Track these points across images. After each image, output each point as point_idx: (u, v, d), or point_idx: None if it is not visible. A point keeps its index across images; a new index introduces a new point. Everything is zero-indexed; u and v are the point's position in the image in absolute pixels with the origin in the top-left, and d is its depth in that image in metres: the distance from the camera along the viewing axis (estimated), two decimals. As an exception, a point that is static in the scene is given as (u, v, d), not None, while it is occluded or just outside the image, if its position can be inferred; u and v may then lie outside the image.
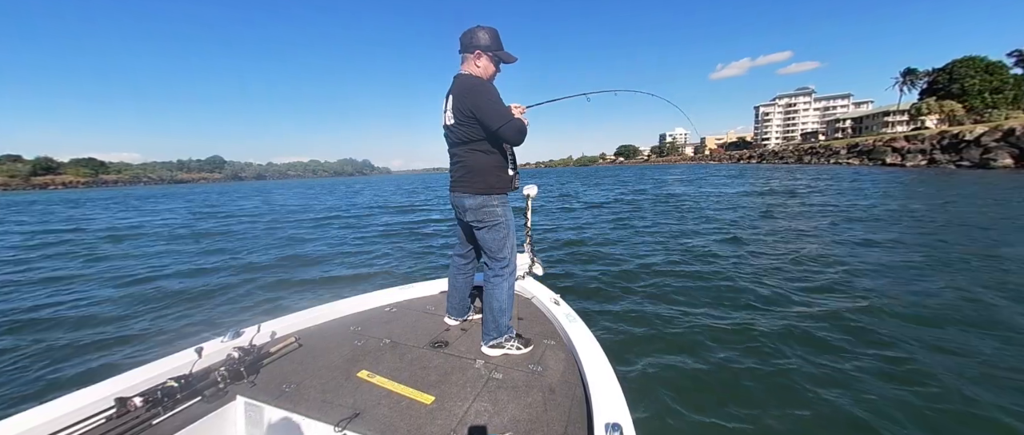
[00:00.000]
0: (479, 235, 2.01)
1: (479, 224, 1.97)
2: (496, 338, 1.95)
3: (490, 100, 1.79)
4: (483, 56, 1.90)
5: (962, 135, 29.69)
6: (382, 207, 17.55)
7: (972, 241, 6.39)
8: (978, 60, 51.72)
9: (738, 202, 13.55)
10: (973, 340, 3.14)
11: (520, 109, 2.04)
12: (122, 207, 23.83)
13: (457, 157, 1.97)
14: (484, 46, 1.88)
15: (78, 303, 4.95)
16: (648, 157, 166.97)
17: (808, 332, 3.39)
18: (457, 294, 2.31)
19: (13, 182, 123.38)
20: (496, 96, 1.83)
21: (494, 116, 1.78)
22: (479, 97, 1.79)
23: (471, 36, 1.88)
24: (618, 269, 5.61)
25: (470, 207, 1.94)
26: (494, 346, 1.96)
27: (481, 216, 1.94)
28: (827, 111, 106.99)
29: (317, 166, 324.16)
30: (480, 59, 1.90)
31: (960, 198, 11.61)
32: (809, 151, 55.40)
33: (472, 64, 1.91)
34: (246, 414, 1.65)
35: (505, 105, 1.86)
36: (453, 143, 1.96)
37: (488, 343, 1.97)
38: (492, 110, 1.78)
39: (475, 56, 1.89)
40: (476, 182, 1.91)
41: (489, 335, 1.97)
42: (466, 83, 1.84)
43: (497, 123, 1.78)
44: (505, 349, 1.95)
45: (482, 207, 1.93)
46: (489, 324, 1.97)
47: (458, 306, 2.32)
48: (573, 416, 1.48)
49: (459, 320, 2.33)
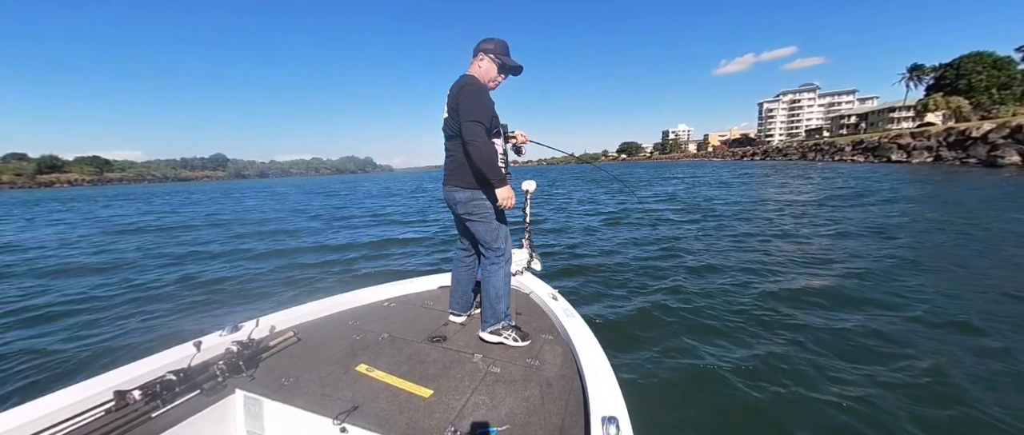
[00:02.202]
0: (471, 228, 2.06)
1: (470, 217, 2.02)
2: (494, 325, 2.02)
3: (471, 94, 1.85)
4: (485, 58, 1.99)
5: (969, 132, 29.35)
6: (344, 219, 12.87)
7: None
8: (986, 56, 51.06)
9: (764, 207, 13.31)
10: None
11: (523, 138, 2.32)
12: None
13: (450, 151, 2.02)
14: (487, 49, 1.99)
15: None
16: (651, 154, 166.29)
17: (813, 332, 3.36)
18: (459, 288, 2.34)
19: (19, 180, 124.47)
20: (479, 93, 1.88)
21: (466, 109, 1.82)
22: (463, 91, 1.86)
23: (480, 42, 2.02)
24: (615, 263, 5.60)
25: (460, 200, 2.00)
26: (492, 333, 2.02)
27: (471, 209, 2.00)
28: (832, 107, 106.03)
29: (319, 164, 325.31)
30: (482, 61, 2.00)
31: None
32: (813, 148, 55.03)
33: (474, 65, 2.02)
34: (245, 407, 1.65)
35: (486, 107, 1.88)
36: (447, 137, 2.02)
37: (487, 330, 2.04)
38: (467, 103, 1.83)
39: (478, 58, 2.00)
40: (466, 176, 1.96)
41: (487, 322, 2.04)
42: (463, 81, 1.92)
43: (466, 116, 1.81)
44: (502, 338, 2.00)
45: (472, 200, 1.98)
46: (487, 311, 2.04)
47: (461, 301, 2.34)
48: (570, 410, 1.48)
49: (464, 316, 2.34)
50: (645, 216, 10.59)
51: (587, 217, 10.92)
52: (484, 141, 1.84)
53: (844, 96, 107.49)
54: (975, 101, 47.93)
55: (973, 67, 50.79)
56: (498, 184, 1.91)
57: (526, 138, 2.37)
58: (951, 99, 48.54)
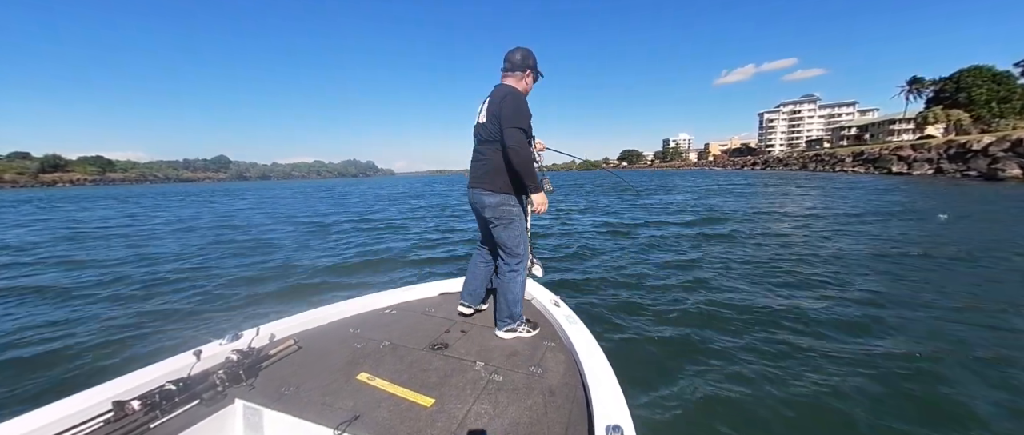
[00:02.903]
0: (495, 233, 2.15)
1: (496, 221, 2.11)
2: (510, 324, 2.16)
3: (516, 102, 1.99)
4: (530, 74, 2.17)
5: (969, 144, 29.42)
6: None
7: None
8: (985, 70, 51.33)
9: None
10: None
11: (541, 146, 2.44)
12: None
13: (483, 154, 2.10)
14: (532, 66, 2.16)
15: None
16: (651, 162, 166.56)
17: (817, 346, 3.32)
18: (475, 280, 2.44)
19: (22, 179, 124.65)
20: (522, 102, 2.02)
21: (511, 115, 1.95)
22: (508, 98, 1.99)
23: (523, 56, 2.13)
24: (616, 266, 5.58)
25: (489, 204, 2.08)
26: (508, 330, 2.16)
27: (499, 213, 2.09)
28: (832, 118, 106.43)
29: (321, 167, 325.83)
30: (528, 76, 2.17)
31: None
32: (814, 158, 55.12)
33: (519, 80, 2.15)
34: (245, 417, 1.64)
35: (528, 116, 2.03)
36: (482, 140, 2.11)
37: (503, 329, 2.16)
38: (511, 109, 1.96)
39: (525, 74, 2.14)
40: (497, 180, 2.06)
41: (503, 322, 2.16)
42: (506, 90, 2.05)
43: (511, 121, 1.94)
44: (518, 333, 2.17)
45: (501, 205, 2.08)
46: (503, 312, 2.15)
47: (474, 293, 2.44)
48: (574, 418, 1.47)
49: (473, 307, 2.45)
50: (650, 222, 10.58)
51: (589, 224, 10.90)
52: (526, 147, 1.97)
53: (844, 108, 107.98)
54: (975, 114, 48.08)
55: (973, 81, 51.01)
56: (534, 189, 2.06)
57: (544, 146, 2.48)
58: (951, 112, 48.71)
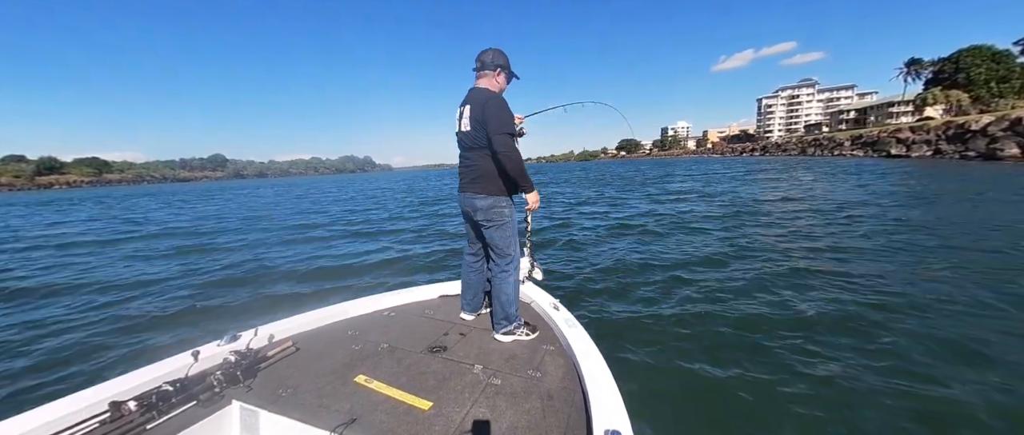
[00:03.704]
0: (487, 234, 2.21)
1: (488, 223, 2.16)
2: (507, 326, 2.16)
3: (498, 107, 2.03)
4: (502, 74, 2.19)
5: (968, 125, 29.33)
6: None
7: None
8: (985, 49, 50.86)
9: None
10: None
11: (520, 118, 2.37)
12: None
13: (470, 161, 2.14)
14: (502, 65, 2.17)
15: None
16: (650, 151, 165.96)
17: (818, 348, 3.21)
18: (470, 290, 2.48)
19: (18, 182, 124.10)
20: (503, 105, 2.05)
21: (496, 122, 1.99)
22: (489, 104, 2.02)
23: (493, 56, 2.16)
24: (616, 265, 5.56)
25: (481, 207, 2.13)
26: (505, 334, 2.17)
27: (491, 216, 2.14)
28: (831, 102, 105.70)
29: (319, 163, 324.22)
30: (499, 75, 2.19)
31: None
32: (813, 143, 54.99)
33: (491, 80, 2.17)
34: (242, 419, 1.64)
35: (511, 117, 2.06)
36: (467, 147, 2.15)
37: (500, 331, 2.17)
38: (495, 116, 2.00)
39: (495, 73, 2.17)
40: (488, 185, 2.11)
41: (500, 325, 2.18)
42: (484, 95, 2.07)
43: (498, 128, 1.97)
44: (516, 335, 2.17)
45: (492, 208, 2.13)
46: (499, 314, 2.18)
47: (472, 302, 2.49)
48: (572, 423, 1.46)
49: (474, 314, 2.49)
50: (649, 221, 10.51)
51: (589, 223, 10.86)
52: (516, 151, 2.02)
53: (843, 91, 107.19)
54: (974, 95, 47.85)
55: (972, 61, 50.62)
56: (528, 189, 2.13)
57: (522, 117, 2.47)
58: (950, 93, 48.49)
